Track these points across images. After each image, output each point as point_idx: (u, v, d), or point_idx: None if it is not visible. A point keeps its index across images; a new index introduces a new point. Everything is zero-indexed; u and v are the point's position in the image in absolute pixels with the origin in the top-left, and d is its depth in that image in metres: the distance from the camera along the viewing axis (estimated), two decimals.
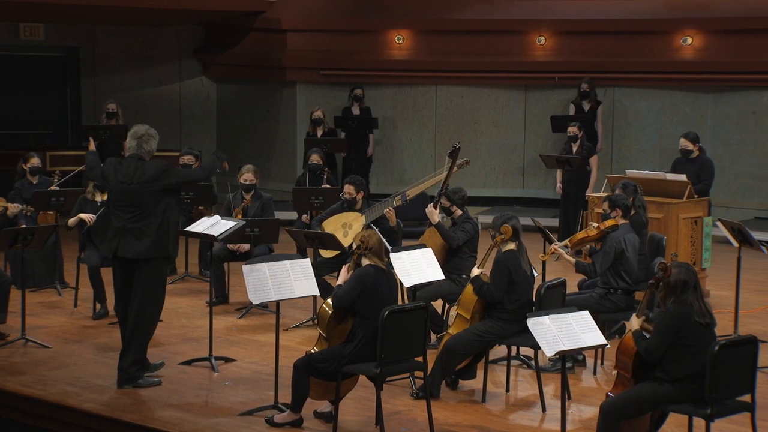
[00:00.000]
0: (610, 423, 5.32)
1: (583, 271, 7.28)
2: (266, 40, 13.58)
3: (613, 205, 7.23)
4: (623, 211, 7.21)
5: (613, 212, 7.22)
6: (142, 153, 6.73)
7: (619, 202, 7.23)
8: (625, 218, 7.24)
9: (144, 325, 6.71)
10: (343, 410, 6.13)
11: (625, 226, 7.20)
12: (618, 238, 7.09)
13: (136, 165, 6.67)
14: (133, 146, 6.74)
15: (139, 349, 6.72)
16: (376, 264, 6.00)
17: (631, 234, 7.18)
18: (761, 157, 12.02)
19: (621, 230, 7.15)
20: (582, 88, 12.19)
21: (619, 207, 7.21)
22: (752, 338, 5.35)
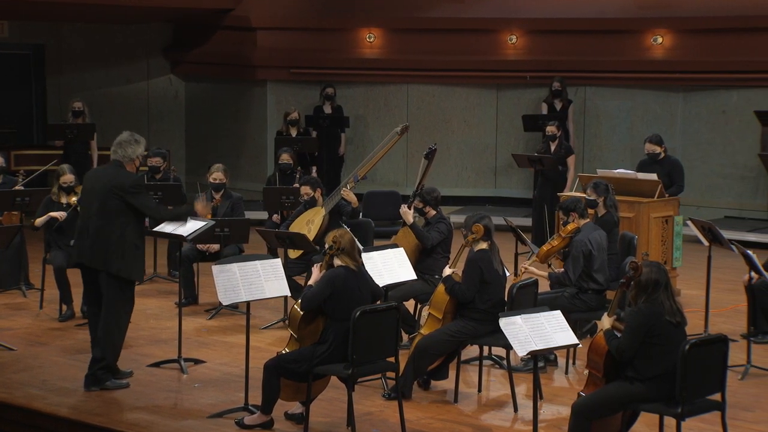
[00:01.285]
0: (582, 422, 5.32)
1: (558, 282, 7.21)
2: (236, 38, 13.50)
3: (566, 211, 7.20)
4: (578, 213, 7.18)
5: (569, 217, 7.19)
6: (121, 158, 6.65)
7: (570, 207, 7.19)
8: (584, 218, 7.21)
9: (109, 331, 6.62)
10: (314, 411, 6.10)
11: (588, 225, 7.18)
12: (583, 240, 7.07)
13: (113, 170, 6.63)
14: (114, 153, 6.69)
15: (109, 352, 6.62)
16: (347, 264, 5.97)
17: (596, 232, 7.16)
18: (731, 156, 12.11)
19: (584, 231, 7.13)
20: (554, 87, 12.21)
21: (573, 211, 7.18)
22: (722, 337, 5.38)
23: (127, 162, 6.67)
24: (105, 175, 6.67)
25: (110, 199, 6.53)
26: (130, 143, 6.67)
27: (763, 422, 6.24)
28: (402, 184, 12.71)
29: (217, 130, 13.97)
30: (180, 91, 14.37)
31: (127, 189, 6.54)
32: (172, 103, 14.34)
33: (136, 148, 6.68)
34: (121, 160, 6.65)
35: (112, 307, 6.59)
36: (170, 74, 14.31)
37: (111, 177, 6.60)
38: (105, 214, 6.55)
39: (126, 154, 6.66)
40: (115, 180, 6.56)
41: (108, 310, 6.59)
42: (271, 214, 9.73)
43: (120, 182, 6.55)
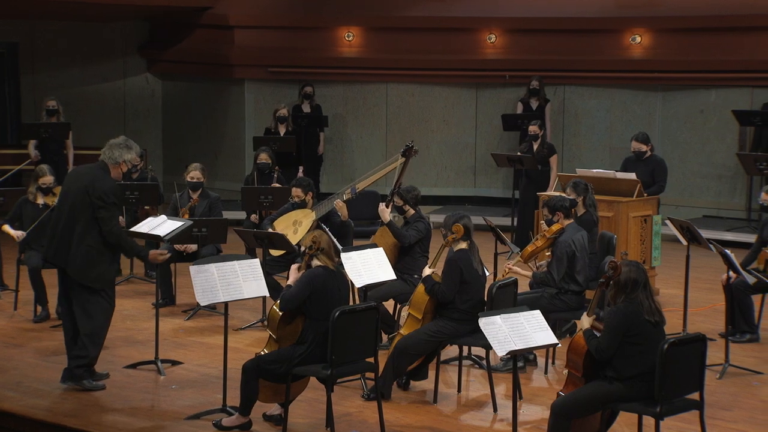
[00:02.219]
0: (561, 422, 5.33)
1: (542, 282, 7.20)
2: (213, 36, 13.42)
3: (552, 209, 7.19)
4: (564, 213, 7.18)
5: (555, 216, 7.19)
6: (107, 159, 6.58)
7: (556, 205, 7.19)
8: (569, 218, 7.21)
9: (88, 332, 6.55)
10: (293, 412, 6.07)
11: (571, 226, 7.18)
12: (567, 241, 7.07)
13: (94, 171, 6.56)
14: (103, 154, 6.61)
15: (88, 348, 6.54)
16: (326, 265, 5.95)
17: (579, 233, 7.16)
18: (709, 156, 12.16)
19: (568, 232, 7.13)
20: (532, 86, 12.22)
21: (559, 210, 7.18)
22: (701, 336, 5.39)
23: (112, 164, 6.57)
24: (85, 175, 6.58)
25: (81, 200, 6.46)
26: (120, 146, 6.59)
27: (742, 421, 6.26)
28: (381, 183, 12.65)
29: (195, 129, 13.89)
30: (157, 90, 14.26)
31: (99, 194, 6.44)
32: (149, 101, 14.24)
33: (124, 152, 6.58)
34: (106, 162, 6.57)
35: (84, 311, 6.52)
36: (147, 73, 14.20)
37: (89, 178, 6.52)
38: (73, 213, 6.48)
39: (112, 156, 6.57)
40: (92, 182, 6.47)
41: (79, 313, 6.52)
42: (249, 214, 9.67)
43: (94, 185, 6.46)
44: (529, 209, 10.84)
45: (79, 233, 6.45)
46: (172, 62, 13.81)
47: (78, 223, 6.46)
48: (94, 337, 6.58)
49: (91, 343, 6.56)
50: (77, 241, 6.45)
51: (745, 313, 7.73)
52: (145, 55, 14.13)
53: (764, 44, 11.66)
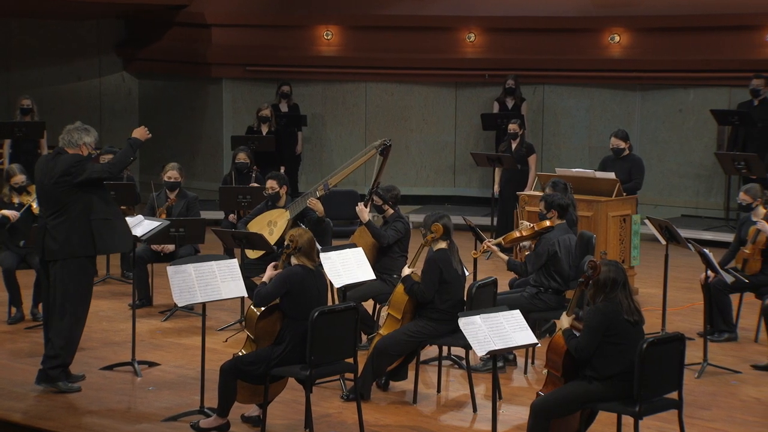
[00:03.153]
0: (540, 422, 5.32)
1: (514, 269, 7.27)
2: (190, 34, 13.34)
3: (549, 206, 7.20)
4: (559, 213, 7.18)
5: (549, 213, 7.19)
6: (66, 143, 6.46)
7: (555, 203, 7.20)
8: (562, 219, 7.22)
9: (67, 327, 6.48)
10: (272, 414, 6.04)
11: (561, 227, 7.19)
12: (552, 240, 7.08)
13: (55, 160, 6.44)
14: (61, 140, 6.51)
15: (65, 349, 6.48)
16: (305, 264, 5.91)
17: (567, 235, 7.17)
18: (687, 155, 12.21)
19: (556, 232, 7.14)
20: (507, 84, 12.23)
21: (555, 208, 7.19)
22: (679, 336, 5.40)
23: (73, 148, 6.46)
24: (49, 167, 6.46)
25: (61, 191, 6.37)
26: (78, 130, 6.50)
27: (720, 420, 6.28)
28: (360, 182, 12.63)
29: (172, 128, 13.80)
30: (133, 89, 14.16)
31: (68, 170, 6.34)
32: (125, 100, 14.13)
33: (83, 135, 6.48)
34: (65, 146, 6.47)
35: (70, 302, 6.44)
36: (123, 71, 14.10)
37: (51, 165, 6.41)
38: (58, 204, 6.38)
39: (71, 140, 6.47)
40: (56, 167, 6.37)
41: (64, 305, 6.44)
42: (228, 214, 9.62)
43: (60, 170, 6.36)
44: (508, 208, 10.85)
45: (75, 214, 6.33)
46: (149, 61, 13.72)
47: (63, 210, 6.35)
48: (70, 335, 6.49)
49: (65, 343, 6.47)
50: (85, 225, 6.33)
51: (724, 312, 7.76)
52: (122, 53, 14.02)
53: (742, 44, 11.72)
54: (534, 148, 11.19)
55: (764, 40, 11.63)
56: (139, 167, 13.74)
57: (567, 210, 7.25)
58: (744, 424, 6.24)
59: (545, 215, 7.22)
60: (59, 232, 6.38)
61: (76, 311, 6.50)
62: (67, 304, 6.45)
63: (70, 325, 6.49)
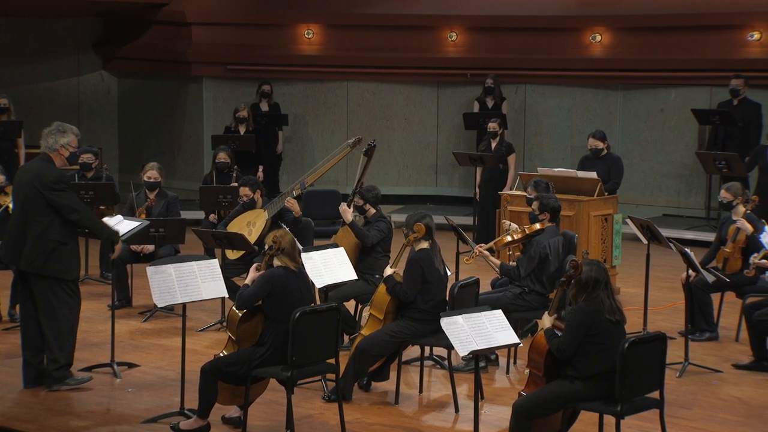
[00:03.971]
0: (523, 422, 5.32)
1: (507, 274, 7.21)
2: (170, 33, 13.26)
3: (543, 208, 7.18)
4: (551, 215, 7.17)
5: (542, 215, 7.17)
6: (46, 149, 6.43)
7: (549, 205, 7.18)
8: (553, 221, 7.20)
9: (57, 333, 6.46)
10: (253, 415, 6.01)
11: (550, 229, 7.18)
12: (543, 242, 7.07)
13: (37, 164, 6.42)
14: (42, 145, 6.47)
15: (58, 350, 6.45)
16: (287, 265, 5.88)
17: (556, 238, 7.16)
18: (669, 155, 12.25)
19: (546, 234, 7.13)
20: (486, 84, 12.23)
21: (548, 211, 7.17)
22: (661, 335, 5.40)
23: (52, 153, 6.41)
24: (30, 170, 6.46)
25: (31, 196, 6.33)
26: (53, 133, 6.44)
27: (701, 419, 6.29)
28: (342, 182, 12.61)
29: (152, 127, 13.71)
30: (112, 88, 14.06)
31: (47, 185, 6.30)
32: (104, 99, 14.03)
33: (59, 137, 6.41)
34: (47, 152, 6.42)
35: (49, 310, 6.41)
36: (102, 70, 14.00)
37: (34, 172, 6.39)
38: (27, 211, 6.35)
39: (48, 145, 6.42)
40: (37, 175, 6.34)
41: (45, 313, 6.40)
42: (208, 214, 9.57)
43: (40, 178, 6.32)
44: (487, 208, 10.85)
45: (39, 229, 6.31)
46: (128, 59, 13.63)
47: (34, 220, 6.32)
48: (62, 338, 6.46)
49: (59, 344, 6.44)
50: (38, 237, 6.30)
51: (705, 311, 7.78)
52: (100, 52, 13.92)
53: (723, 44, 11.77)
54: (513, 148, 11.19)
55: (745, 40, 11.69)
56: (118, 167, 13.64)
57: (559, 213, 7.24)
58: (725, 423, 6.25)
59: (537, 216, 7.20)
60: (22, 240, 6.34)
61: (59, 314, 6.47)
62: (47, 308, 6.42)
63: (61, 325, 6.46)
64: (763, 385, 6.80)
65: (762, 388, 6.76)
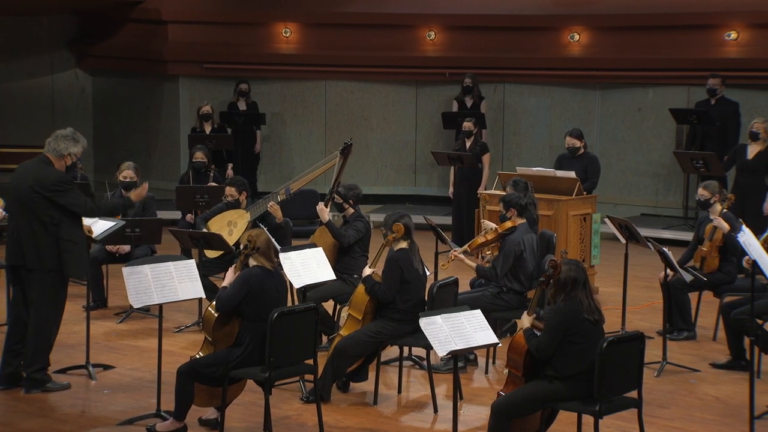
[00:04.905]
0: (501, 422, 5.31)
1: (484, 276, 7.21)
2: (145, 31, 13.16)
3: (507, 205, 7.20)
4: (518, 210, 7.17)
5: (508, 212, 7.18)
6: (50, 152, 6.44)
7: (512, 201, 7.20)
8: (522, 216, 7.20)
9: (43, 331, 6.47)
10: (230, 416, 5.98)
11: (523, 226, 7.18)
12: (517, 240, 7.08)
13: (37, 166, 6.42)
14: (47, 145, 6.47)
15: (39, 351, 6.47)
16: (263, 265, 5.86)
17: (529, 234, 7.17)
18: (646, 154, 12.29)
19: (519, 231, 7.14)
20: (465, 83, 12.23)
21: (513, 206, 7.18)
22: (639, 334, 5.40)
23: (56, 157, 6.45)
24: (29, 172, 6.44)
25: (33, 199, 6.35)
26: (66, 138, 6.46)
27: (679, 419, 6.31)
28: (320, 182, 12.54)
29: (127, 126, 13.61)
30: (87, 86, 13.94)
31: (50, 187, 6.34)
32: (79, 98, 13.91)
33: (71, 145, 6.45)
34: (48, 155, 6.44)
35: (45, 308, 6.42)
36: (76, 68, 13.87)
37: (34, 175, 6.39)
38: (31, 214, 6.36)
39: (57, 148, 6.44)
40: (37, 178, 6.36)
41: (40, 310, 6.41)
42: (185, 214, 9.52)
43: (41, 181, 6.34)
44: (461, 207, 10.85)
45: (47, 228, 6.33)
46: (103, 57, 13.51)
47: (40, 220, 6.34)
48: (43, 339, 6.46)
49: (39, 345, 6.44)
50: (47, 236, 6.32)
51: (683, 310, 7.80)
52: (74, 50, 13.79)
53: (701, 43, 11.82)
54: (488, 147, 11.19)
55: (722, 40, 11.74)
56: (93, 167, 13.53)
57: (526, 208, 7.25)
58: (702, 422, 6.27)
59: (505, 215, 7.21)
60: (29, 242, 6.35)
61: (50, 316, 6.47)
62: (43, 306, 6.42)
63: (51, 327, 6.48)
64: (740, 384, 6.81)
65: (739, 387, 6.78)
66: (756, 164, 9.83)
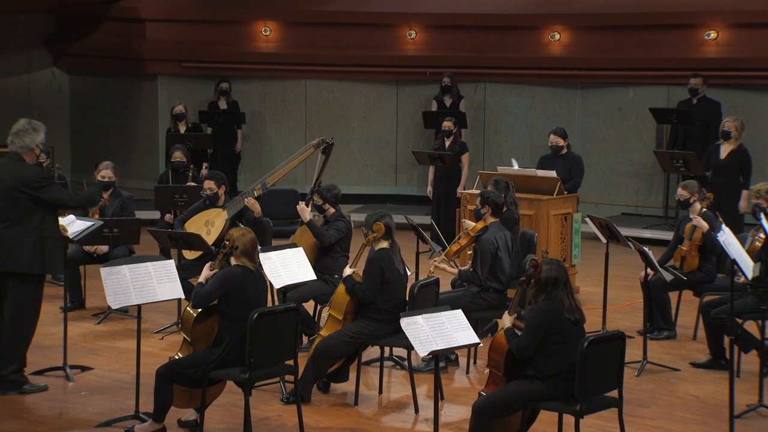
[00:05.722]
0: (482, 422, 5.31)
1: (468, 280, 7.20)
2: (123, 29, 13.08)
3: (484, 201, 7.20)
4: (492, 209, 7.18)
5: (483, 208, 7.18)
6: (19, 149, 6.40)
7: (489, 199, 7.20)
8: (495, 216, 7.20)
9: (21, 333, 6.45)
10: (209, 418, 5.95)
11: (495, 224, 7.19)
12: (490, 239, 7.08)
13: (11, 165, 6.38)
14: (12, 144, 6.43)
15: (17, 353, 6.46)
16: (245, 264, 5.81)
17: (501, 231, 7.17)
18: (627, 154, 12.32)
19: (491, 230, 7.15)
20: (444, 83, 12.21)
21: (488, 204, 7.19)
22: (619, 334, 5.40)
23: (26, 152, 6.42)
24: (5, 171, 6.38)
25: (17, 198, 6.30)
26: (28, 132, 6.42)
27: (659, 418, 6.32)
28: (300, 181, 12.51)
29: (105, 126, 13.51)
30: (64, 85, 13.83)
31: (33, 185, 6.32)
32: (56, 97, 13.79)
33: (35, 136, 6.43)
34: (18, 152, 6.40)
35: (23, 310, 6.40)
36: (53, 67, 13.75)
37: (13, 174, 6.35)
38: (14, 213, 6.32)
39: (24, 144, 6.41)
40: (18, 176, 6.31)
41: (17, 312, 6.39)
42: (164, 214, 9.46)
43: (23, 178, 6.31)
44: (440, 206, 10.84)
45: (31, 228, 6.31)
46: (81, 56, 13.41)
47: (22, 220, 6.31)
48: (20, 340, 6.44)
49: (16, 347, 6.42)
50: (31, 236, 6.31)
51: (663, 310, 7.81)
52: (51, 48, 13.67)
53: (681, 43, 11.87)
54: (467, 147, 11.18)
55: (702, 39, 11.79)
56: (70, 166, 13.43)
57: (501, 208, 7.26)
58: (683, 421, 6.28)
59: (480, 210, 7.20)
60: (7, 242, 6.31)
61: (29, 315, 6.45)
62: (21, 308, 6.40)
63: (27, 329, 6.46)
64: (720, 383, 6.83)
65: (719, 386, 6.80)
66: (729, 163, 9.86)
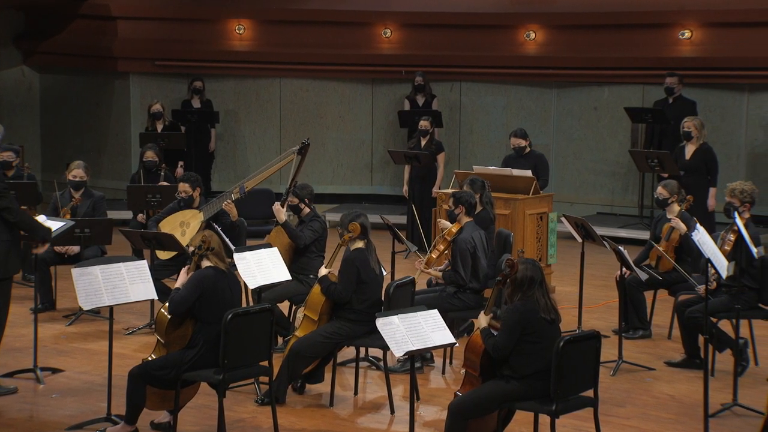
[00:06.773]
0: (458, 422, 5.30)
1: (453, 282, 7.17)
2: (94, 27, 12.95)
3: (457, 201, 7.19)
4: (466, 209, 7.17)
5: (457, 209, 7.17)
6: None
7: (462, 199, 7.20)
8: (469, 215, 7.19)
9: None
10: (183, 420, 5.92)
11: (469, 224, 7.19)
12: (466, 239, 7.09)
13: None
14: None
15: None
16: (216, 265, 5.79)
17: (476, 231, 7.18)
18: (602, 153, 12.35)
19: (467, 230, 7.15)
20: (416, 82, 12.19)
21: (462, 204, 7.18)
22: (595, 333, 5.41)
23: None
24: None
25: None
26: None
27: (635, 417, 6.33)
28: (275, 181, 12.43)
29: (76, 124, 13.37)
30: (34, 83, 13.68)
31: None
32: (26, 95, 13.64)
33: None
34: None
35: None
36: (23, 65, 13.59)
37: None
38: None
39: None
40: None
41: None
42: (136, 214, 9.37)
43: None
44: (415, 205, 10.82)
45: None
46: (51, 54, 13.27)
47: None
48: None
49: None
50: None
51: (638, 309, 7.83)
52: (21, 46, 13.51)
53: (656, 42, 11.91)
54: (443, 146, 11.17)
55: (677, 38, 11.84)
56: (40, 165, 13.28)
57: (474, 207, 7.25)
58: (658, 420, 6.30)
59: (453, 211, 7.19)
60: None
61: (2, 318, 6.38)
62: None
63: None
64: (695, 382, 6.86)
65: (694, 385, 6.83)
66: (695, 163, 9.91)
